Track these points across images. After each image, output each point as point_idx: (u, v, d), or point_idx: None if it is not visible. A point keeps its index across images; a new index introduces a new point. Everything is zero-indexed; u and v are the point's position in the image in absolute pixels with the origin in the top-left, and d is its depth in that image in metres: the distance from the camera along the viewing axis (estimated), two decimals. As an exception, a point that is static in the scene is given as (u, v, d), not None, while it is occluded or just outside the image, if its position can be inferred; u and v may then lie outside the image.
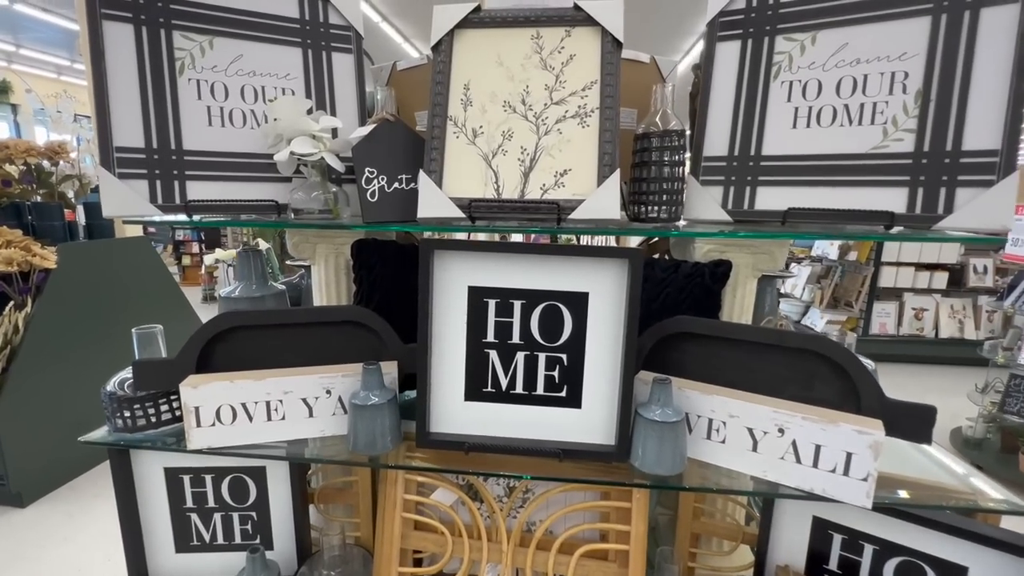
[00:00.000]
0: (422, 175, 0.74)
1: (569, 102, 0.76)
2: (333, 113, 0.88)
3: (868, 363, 0.80)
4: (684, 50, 6.89)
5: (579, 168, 0.73)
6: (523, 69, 0.78)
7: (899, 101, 0.70)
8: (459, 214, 0.73)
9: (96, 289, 2.48)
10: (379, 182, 0.76)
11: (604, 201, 0.70)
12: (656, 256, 0.95)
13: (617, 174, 0.71)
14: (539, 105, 0.76)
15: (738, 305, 0.86)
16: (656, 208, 0.77)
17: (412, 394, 0.90)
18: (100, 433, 0.80)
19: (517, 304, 0.69)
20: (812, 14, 0.75)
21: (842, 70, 0.73)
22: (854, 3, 0.72)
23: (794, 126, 0.76)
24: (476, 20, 0.79)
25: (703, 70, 0.82)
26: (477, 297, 0.70)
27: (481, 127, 0.76)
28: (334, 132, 0.85)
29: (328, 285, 0.93)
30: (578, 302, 0.69)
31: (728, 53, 0.80)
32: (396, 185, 0.78)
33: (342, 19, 0.88)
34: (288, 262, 1.02)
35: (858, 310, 4.16)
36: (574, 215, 0.71)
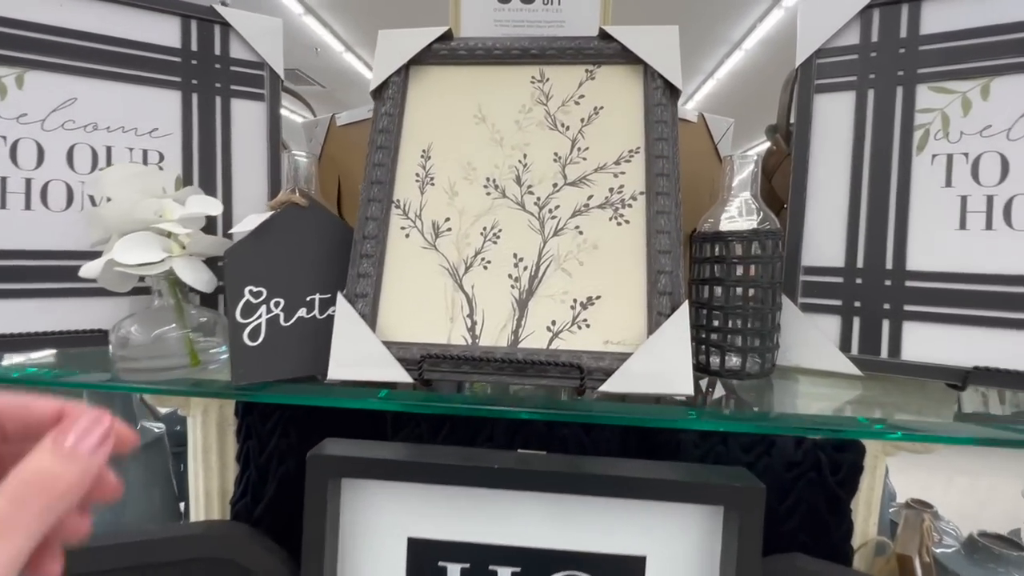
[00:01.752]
0: (341, 302, 0.43)
1: (595, 183, 0.46)
2: (226, 192, 0.57)
3: None
4: (706, 71, 5.00)
5: (614, 296, 0.42)
6: (518, 128, 0.48)
7: None
8: (402, 376, 0.41)
9: None
10: (270, 311, 0.44)
11: (665, 359, 0.39)
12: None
13: (685, 309, 0.40)
14: (545, 186, 0.46)
15: (863, 503, 0.53)
16: (739, 355, 0.46)
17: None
18: None
19: (504, 574, 0.35)
20: (979, 52, 0.47)
21: (1043, 140, 0.45)
22: (1058, 35, 0.44)
23: (962, 226, 0.46)
24: (445, 52, 0.50)
25: (795, 136, 0.53)
26: (425, 559, 0.36)
27: (448, 220, 0.46)
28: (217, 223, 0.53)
29: (207, 451, 0.59)
30: (625, 574, 0.35)
31: (836, 111, 0.51)
32: (302, 313, 0.46)
33: (251, 52, 0.59)
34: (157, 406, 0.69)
35: (874, 384, 3.87)
36: (610, 384, 0.39)
